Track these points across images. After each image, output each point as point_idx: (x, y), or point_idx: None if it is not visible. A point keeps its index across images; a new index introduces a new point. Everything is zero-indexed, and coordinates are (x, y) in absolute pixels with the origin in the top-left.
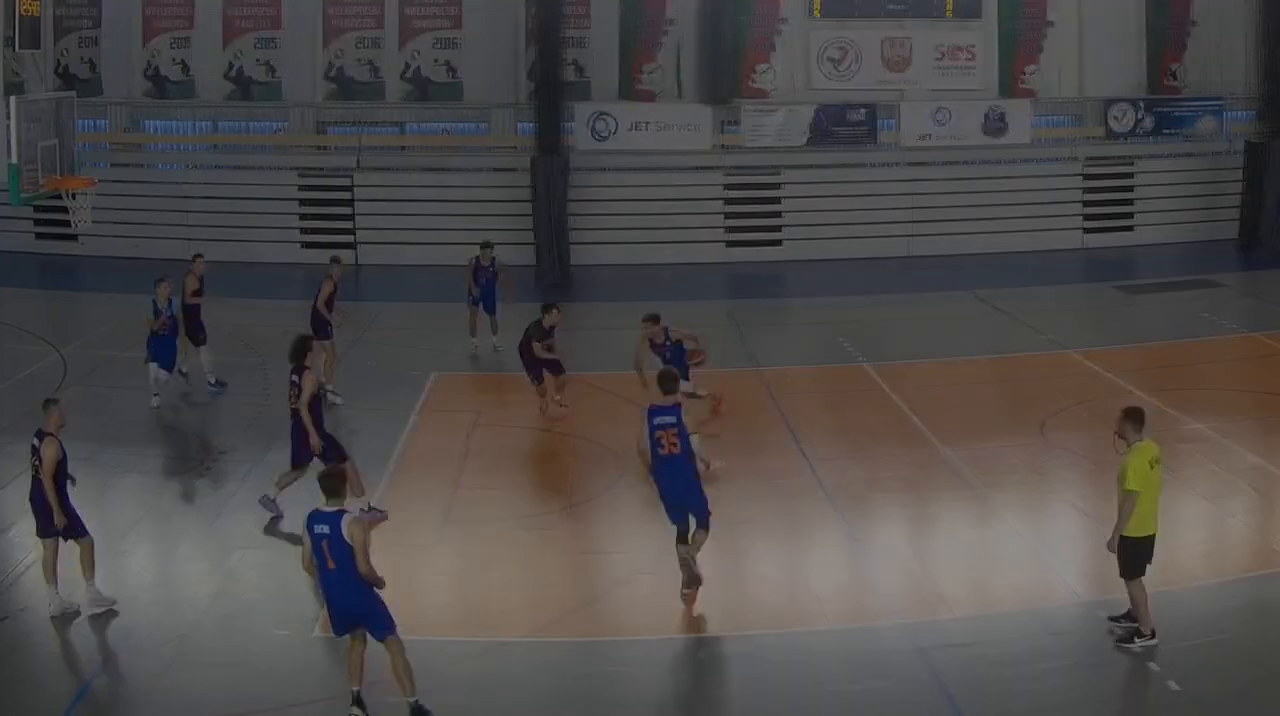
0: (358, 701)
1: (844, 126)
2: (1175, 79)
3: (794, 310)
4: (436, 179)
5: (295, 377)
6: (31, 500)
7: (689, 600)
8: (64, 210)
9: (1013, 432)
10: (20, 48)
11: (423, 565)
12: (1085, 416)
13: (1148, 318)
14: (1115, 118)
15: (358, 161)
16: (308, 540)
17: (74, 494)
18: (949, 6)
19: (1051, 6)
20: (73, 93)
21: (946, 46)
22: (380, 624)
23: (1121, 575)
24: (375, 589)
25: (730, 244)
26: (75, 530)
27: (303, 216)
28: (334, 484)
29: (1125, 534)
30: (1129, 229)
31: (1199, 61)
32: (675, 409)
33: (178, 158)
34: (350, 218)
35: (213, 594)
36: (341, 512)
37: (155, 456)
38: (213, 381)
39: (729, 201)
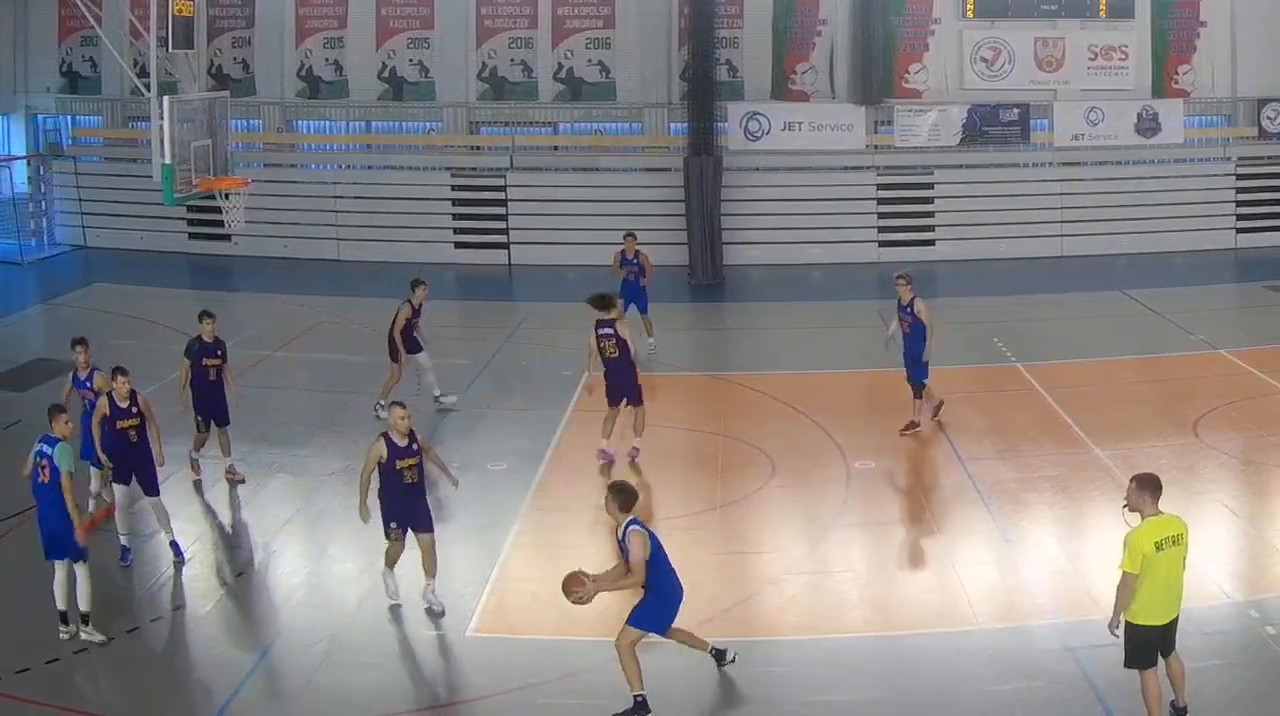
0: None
1: (996, 126)
2: None
3: (947, 310)
4: (589, 179)
5: (607, 331)
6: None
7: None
8: (216, 210)
9: (1164, 432)
10: (174, 48)
11: (574, 565)
12: (1236, 416)
13: None
14: (1269, 118)
15: (510, 161)
16: (653, 550)
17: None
18: (1102, 6)
19: (1204, 6)
20: (226, 93)
21: (1099, 47)
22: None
23: (1126, 665)
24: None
25: (883, 244)
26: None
27: (456, 217)
28: (630, 499)
29: (1128, 619)
30: None
31: None
32: (909, 307)
33: (330, 158)
34: (504, 218)
35: (363, 594)
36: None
37: (306, 456)
38: (438, 394)
39: (882, 201)
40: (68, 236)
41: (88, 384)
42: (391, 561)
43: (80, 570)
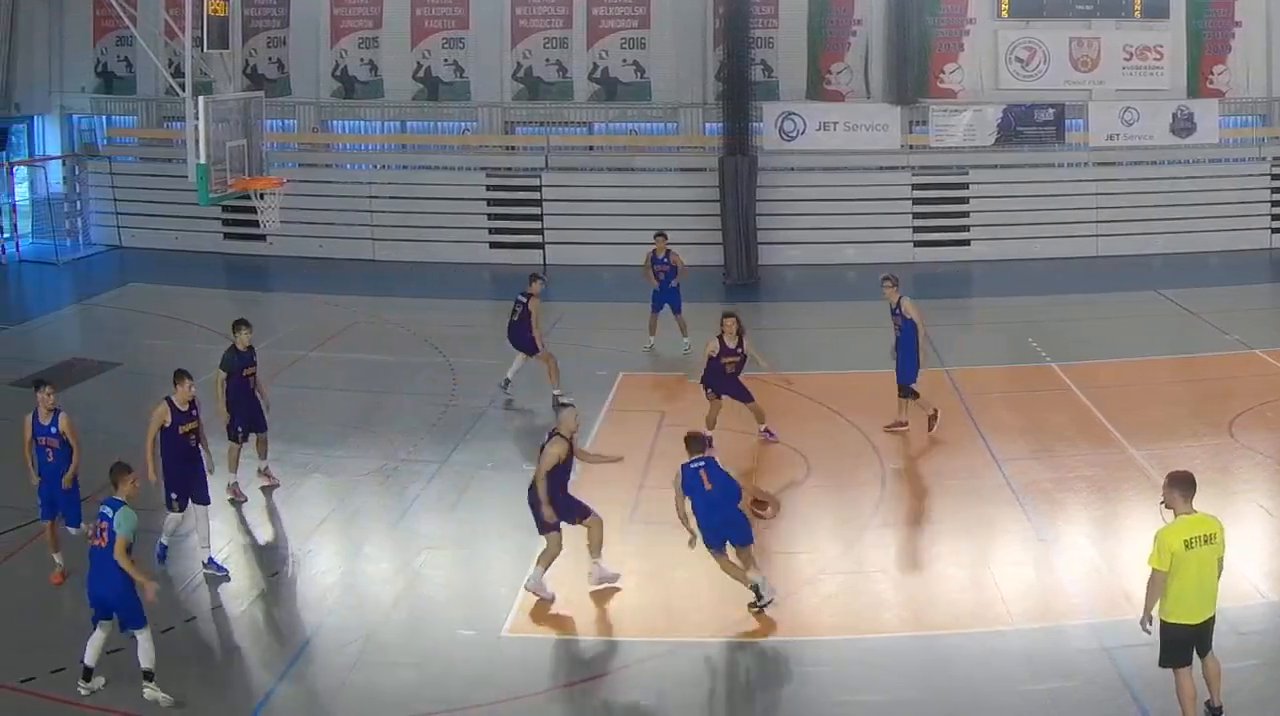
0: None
1: (1031, 126)
2: None
3: (982, 310)
4: (624, 179)
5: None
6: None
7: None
8: (251, 210)
9: (1199, 433)
10: (208, 48)
11: (607, 565)
12: (1272, 416)
13: None
14: None
15: (545, 161)
16: (682, 481)
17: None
18: (1137, 7)
19: (1239, 6)
20: (261, 93)
21: (1134, 47)
22: (747, 533)
23: (1160, 664)
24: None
25: (918, 244)
26: (578, 515)
27: (491, 217)
28: (700, 444)
29: (1161, 618)
30: None
31: None
32: (897, 308)
33: (365, 158)
34: (538, 218)
35: (398, 594)
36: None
37: (341, 457)
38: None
39: (917, 201)
40: (103, 236)
41: (52, 430)
42: (550, 559)
43: (142, 635)
